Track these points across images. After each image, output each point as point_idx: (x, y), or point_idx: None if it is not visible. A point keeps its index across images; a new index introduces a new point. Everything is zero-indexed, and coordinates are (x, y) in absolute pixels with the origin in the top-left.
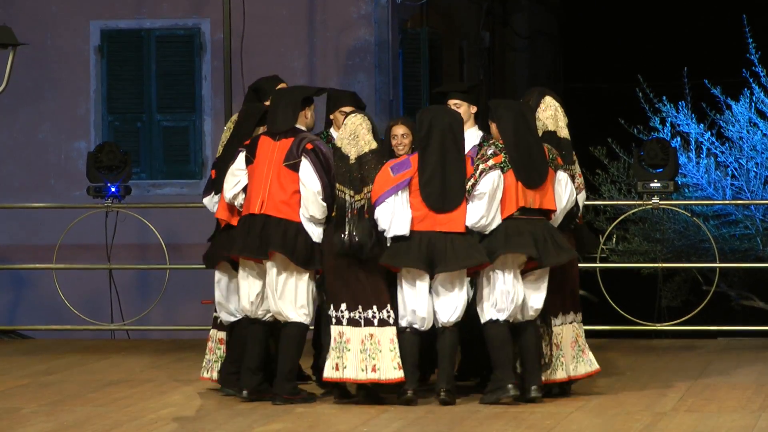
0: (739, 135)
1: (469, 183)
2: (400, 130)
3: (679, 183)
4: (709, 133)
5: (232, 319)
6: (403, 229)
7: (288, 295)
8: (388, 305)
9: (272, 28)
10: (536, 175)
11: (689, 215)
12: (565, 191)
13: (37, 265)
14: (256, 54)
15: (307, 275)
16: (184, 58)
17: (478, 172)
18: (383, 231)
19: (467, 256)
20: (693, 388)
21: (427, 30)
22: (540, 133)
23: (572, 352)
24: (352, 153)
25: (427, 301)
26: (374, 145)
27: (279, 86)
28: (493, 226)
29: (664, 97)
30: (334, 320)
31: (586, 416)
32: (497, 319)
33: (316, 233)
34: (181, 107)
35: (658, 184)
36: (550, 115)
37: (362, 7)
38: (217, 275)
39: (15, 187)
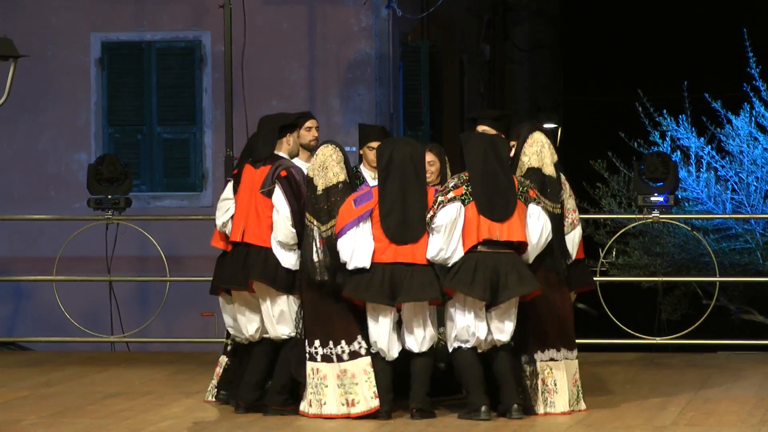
0: (739, 149)
1: (428, 215)
2: (428, 157)
3: (680, 197)
4: (710, 147)
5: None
6: (364, 262)
7: (285, 318)
8: (359, 336)
9: (273, 40)
10: (502, 207)
11: (689, 229)
12: (536, 225)
13: (37, 276)
14: (257, 66)
15: (296, 297)
16: (184, 70)
17: (437, 204)
18: (345, 263)
19: (420, 292)
20: (693, 401)
21: (427, 43)
22: (524, 169)
23: (566, 388)
24: (320, 184)
25: (389, 334)
26: (342, 177)
27: (309, 120)
28: (455, 258)
29: (665, 111)
30: (308, 356)
31: (587, 430)
32: (460, 347)
33: (284, 258)
34: (181, 119)
35: (659, 198)
36: (536, 151)
37: (363, 20)
38: (221, 301)
39: (15, 199)
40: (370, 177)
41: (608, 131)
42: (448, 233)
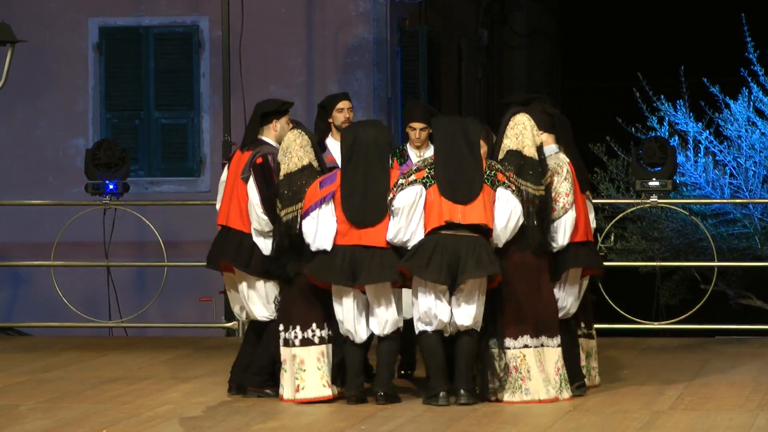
0: (737, 134)
1: (389, 198)
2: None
3: (678, 182)
4: (708, 131)
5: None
6: (326, 243)
7: (259, 299)
8: (314, 324)
9: (271, 25)
10: (465, 190)
11: (687, 214)
12: (504, 208)
13: (35, 262)
14: (255, 52)
15: (273, 281)
16: (182, 55)
17: (397, 186)
18: (309, 244)
19: (380, 274)
20: (691, 386)
21: (425, 28)
22: (504, 152)
23: (542, 376)
24: (283, 169)
25: (353, 314)
26: (306, 161)
27: (341, 102)
28: (414, 241)
29: (662, 96)
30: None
31: (584, 414)
32: (425, 330)
33: (263, 245)
34: (179, 105)
35: (657, 183)
36: (516, 133)
37: (361, 5)
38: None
39: (13, 184)
40: (415, 155)
41: (606, 116)
42: (407, 216)
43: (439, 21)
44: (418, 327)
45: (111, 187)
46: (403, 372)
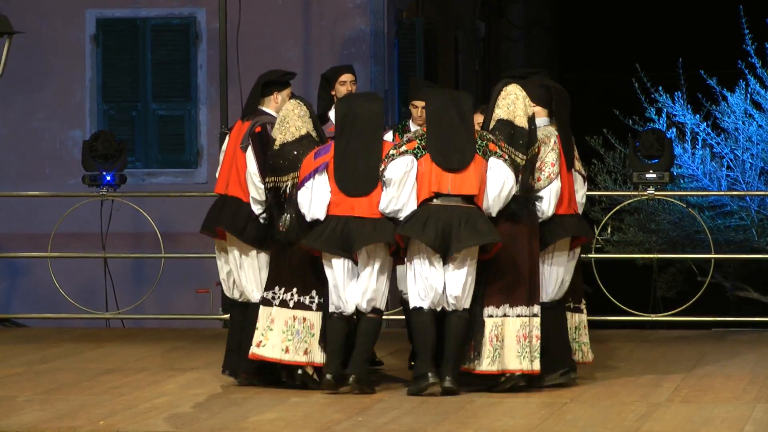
0: (734, 126)
1: (381, 169)
2: (477, 119)
3: (675, 174)
4: (705, 124)
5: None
6: (320, 213)
7: (251, 275)
8: (313, 291)
9: (268, 17)
10: (457, 158)
11: (684, 206)
12: (496, 177)
13: (32, 253)
14: (252, 43)
15: (269, 256)
16: (179, 47)
17: (388, 157)
18: (304, 215)
19: (373, 236)
20: (688, 378)
21: (422, 20)
22: (494, 121)
23: (517, 347)
24: (279, 139)
25: (344, 277)
26: (303, 131)
27: (343, 75)
28: (406, 211)
29: (660, 88)
30: (264, 301)
31: (581, 406)
32: (420, 307)
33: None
34: (176, 96)
35: (654, 175)
36: (507, 103)
37: None
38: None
39: (10, 176)
40: None
41: (604, 108)
42: (399, 186)
43: (437, 13)
44: (413, 302)
45: (108, 178)
46: (413, 363)
